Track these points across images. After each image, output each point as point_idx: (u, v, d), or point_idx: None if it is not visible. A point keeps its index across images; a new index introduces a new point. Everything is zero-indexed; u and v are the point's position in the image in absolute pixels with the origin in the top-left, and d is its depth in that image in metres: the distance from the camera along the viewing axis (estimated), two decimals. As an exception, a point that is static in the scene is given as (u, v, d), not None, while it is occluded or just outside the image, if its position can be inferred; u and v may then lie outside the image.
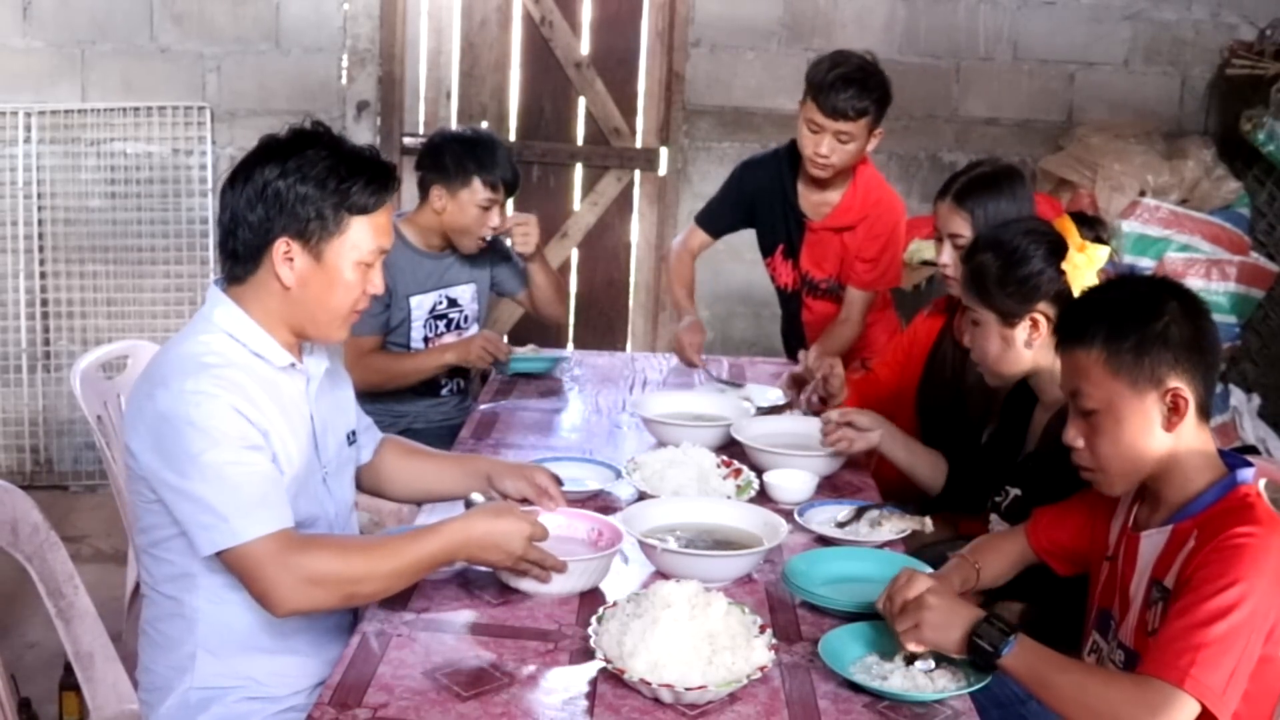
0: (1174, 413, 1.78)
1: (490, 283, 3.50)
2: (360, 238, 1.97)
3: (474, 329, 3.43)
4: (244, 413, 1.88)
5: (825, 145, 3.21)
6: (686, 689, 1.72)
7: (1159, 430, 1.80)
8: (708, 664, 1.76)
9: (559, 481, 2.30)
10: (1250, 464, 1.83)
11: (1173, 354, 1.78)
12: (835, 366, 2.95)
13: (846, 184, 3.38)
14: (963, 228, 2.71)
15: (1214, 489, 1.79)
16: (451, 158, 3.20)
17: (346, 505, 2.19)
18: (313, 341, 2.07)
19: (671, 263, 3.67)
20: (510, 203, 4.75)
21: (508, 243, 3.40)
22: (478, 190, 3.20)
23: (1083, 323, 1.85)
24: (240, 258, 1.98)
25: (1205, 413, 1.82)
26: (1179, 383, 1.78)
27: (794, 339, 3.64)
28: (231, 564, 1.85)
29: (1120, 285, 1.96)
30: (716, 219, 3.64)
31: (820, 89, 3.16)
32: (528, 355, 3.34)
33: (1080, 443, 1.87)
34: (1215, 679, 1.64)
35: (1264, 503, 1.78)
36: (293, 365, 2.02)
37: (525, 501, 2.23)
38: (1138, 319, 1.79)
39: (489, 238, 3.30)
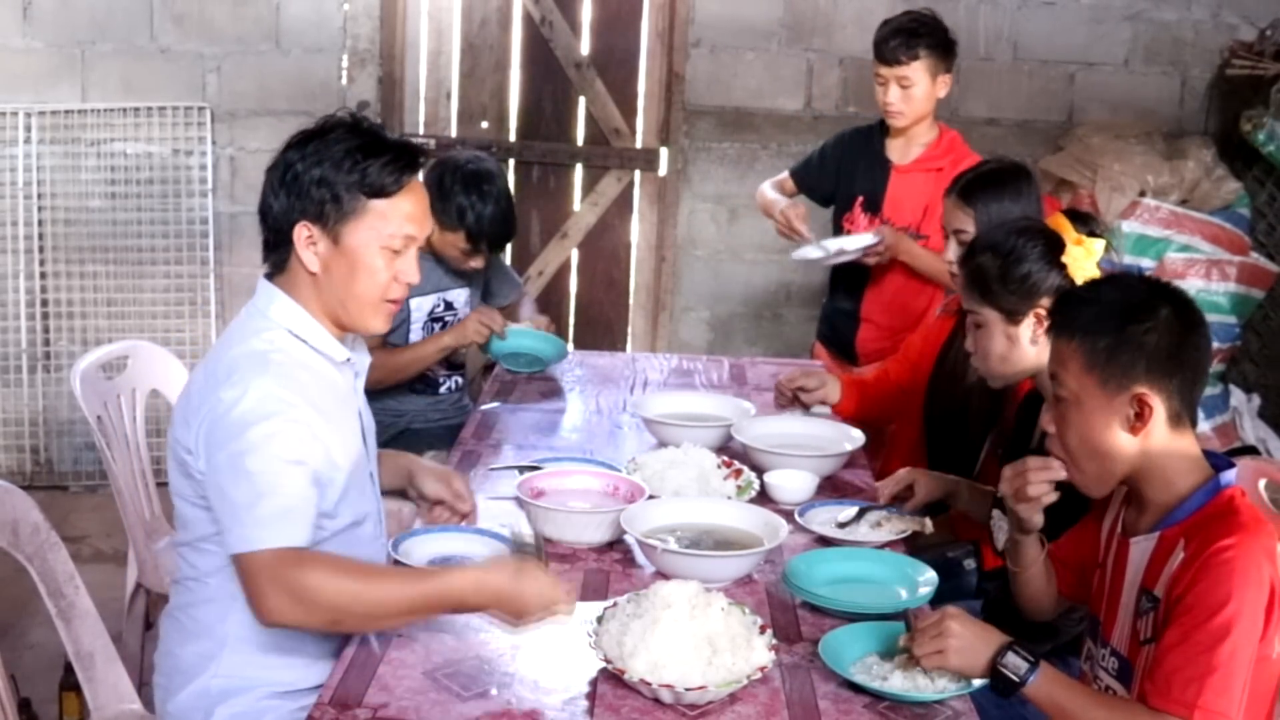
0: (1139, 418, 1.78)
1: (484, 290, 3.50)
2: (380, 221, 1.95)
3: None
4: (304, 421, 1.88)
5: (892, 94, 3.46)
6: (686, 689, 1.72)
7: (1121, 432, 1.79)
8: (708, 664, 1.76)
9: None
10: (1233, 464, 1.83)
11: (1145, 361, 1.77)
12: (805, 380, 3.06)
13: (932, 135, 3.57)
14: (966, 224, 2.73)
15: (1199, 493, 1.79)
16: (448, 198, 3.15)
17: (381, 502, 2.21)
18: (353, 332, 2.06)
19: (761, 194, 3.75)
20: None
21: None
22: (461, 239, 3.19)
23: (1072, 313, 1.86)
24: (271, 245, 2.00)
25: (1181, 419, 1.80)
26: (1146, 389, 1.77)
27: (849, 295, 3.65)
28: (237, 568, 1.86)
29: (1119, 282, 1.94)
30: (805, 170, 3.75)
31: (877, 44, 3.48)
32: (525, 329, 3.32)
33: (1052, 428, 1.88)
34: (1224, 703, 1.66)
35: (1248, 504, 1.78)
36: (348, 360, 2.04)
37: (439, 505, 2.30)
38: (1121, 320, 1.79)
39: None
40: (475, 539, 2.24)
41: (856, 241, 3.44)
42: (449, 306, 3.38)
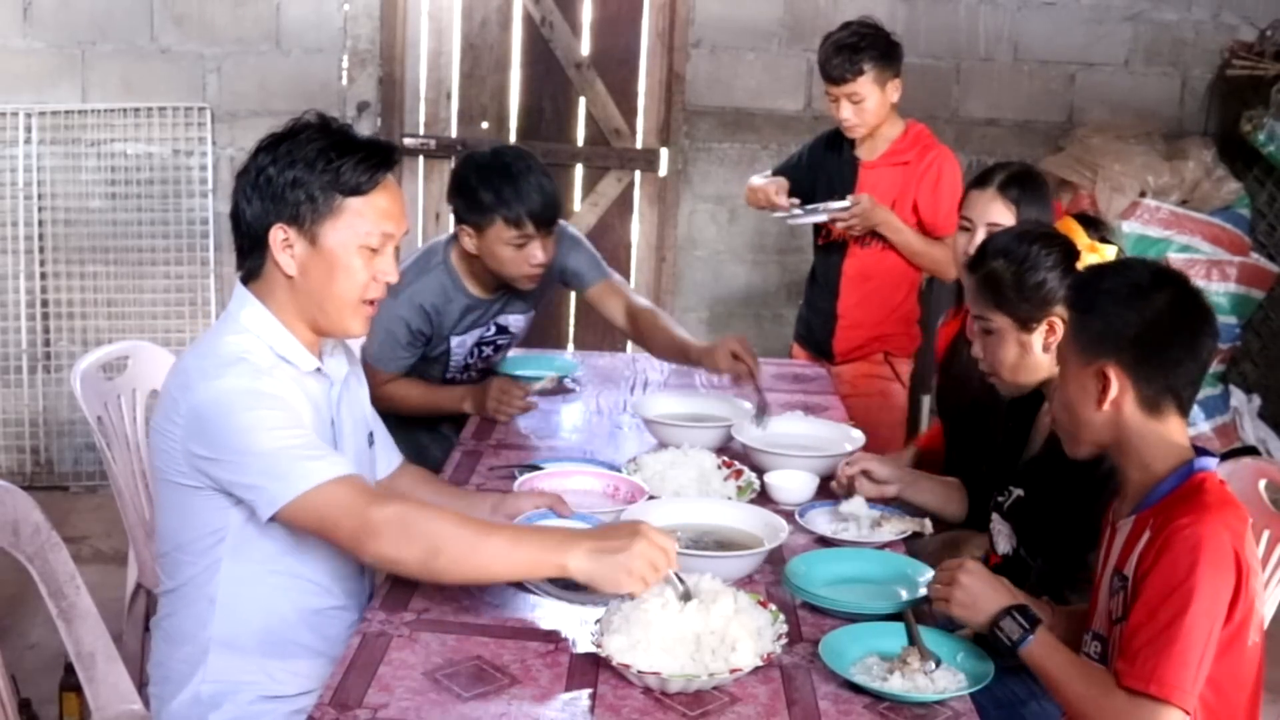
0: (1102, 392, 1.82)
1: (560, 276, 3.12)
2: (357, 220, 1.94)
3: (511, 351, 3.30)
4: (282, 397, 1.90)
5: (845, 110, 3.47)
6: (685, 679, 1.74)
7: (1091, 402, 1.84)
8: (710, 654, 1.78)
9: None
10: (1213, 454, 1.85)
11: (1113, 339, 1.81)
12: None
13: (897, 130, 3.56)
14: (1004, 217, 2.73)
15: (1171, 477, 1.82)
16: (471, 192, 2.81)
17: None
18: (331, 336, 2.05)
19: (749, 184, 3.78)
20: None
21: None
22: (502, 230, 2.80)
23: (1075, 288, 1.95)
24: (246, 251, 1.99)
25: (1159, 406, 1.81)
26: (1108, 365, 1.81)
27: (826, 294, 3.68)
28: (310, 510, 1.82)
29: (1127, 265, 1.99)
30: (785, 170, 3.77)
31: (821, 65, 3.49)
32: (536, 376, 3.22)
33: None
34: (1182, 676, 1.69)
35: (1218, 486, 1.80)
36: (318, 370, 2.02)
37: None
38: (1107, 298, 1.84)
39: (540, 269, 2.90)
40: None
41: (829, 205, 3.48)
42: (502, 330, 3.12)
